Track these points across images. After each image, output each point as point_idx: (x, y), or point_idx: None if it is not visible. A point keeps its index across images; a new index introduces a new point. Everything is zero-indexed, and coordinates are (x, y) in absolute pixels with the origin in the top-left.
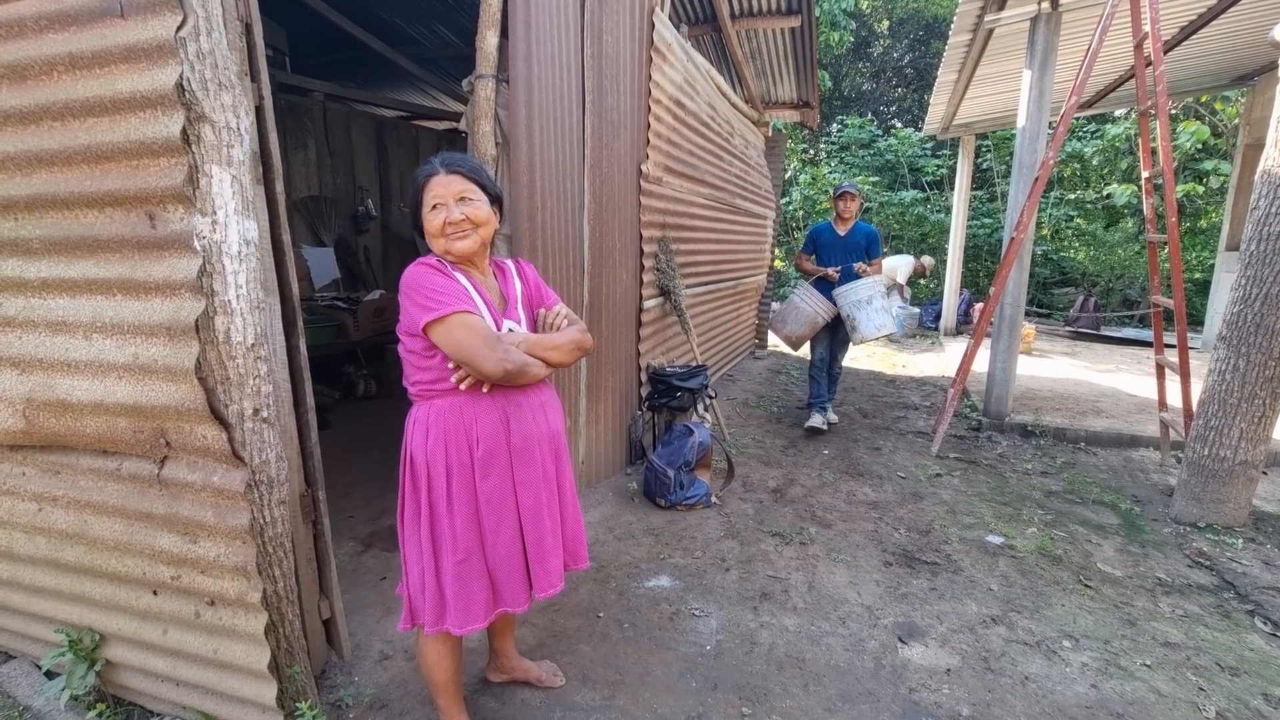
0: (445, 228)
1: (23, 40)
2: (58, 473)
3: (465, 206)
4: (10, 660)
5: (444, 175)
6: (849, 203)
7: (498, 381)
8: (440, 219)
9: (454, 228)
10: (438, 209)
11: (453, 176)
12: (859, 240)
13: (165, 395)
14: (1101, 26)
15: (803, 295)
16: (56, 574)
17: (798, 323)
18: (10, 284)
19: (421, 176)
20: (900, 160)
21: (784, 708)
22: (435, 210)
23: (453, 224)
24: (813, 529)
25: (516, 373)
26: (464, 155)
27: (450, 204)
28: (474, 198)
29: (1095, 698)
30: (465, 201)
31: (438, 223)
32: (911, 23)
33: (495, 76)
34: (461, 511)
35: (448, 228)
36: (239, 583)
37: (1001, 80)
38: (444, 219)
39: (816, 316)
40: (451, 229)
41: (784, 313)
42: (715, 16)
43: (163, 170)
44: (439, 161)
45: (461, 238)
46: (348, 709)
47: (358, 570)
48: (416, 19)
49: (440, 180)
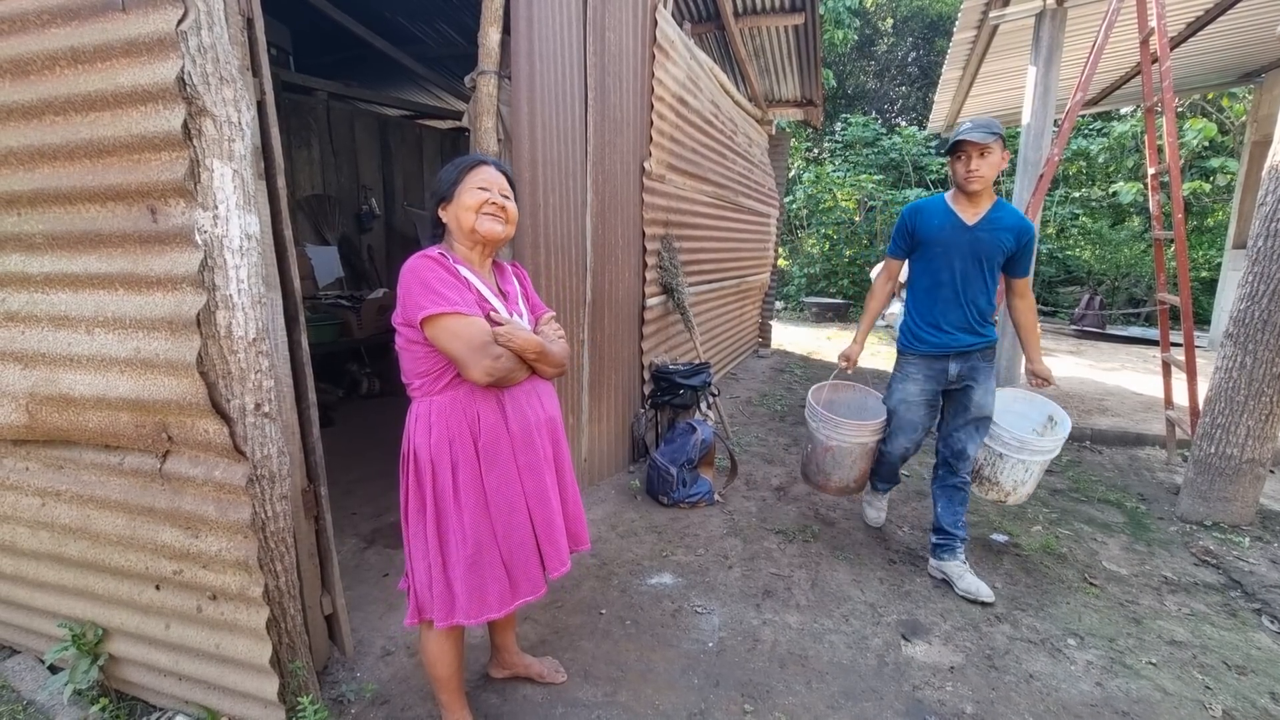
0: (485, 204)
1: (25, 35)
2: (60, 468)
3: (507, 201)
4: (14, 655)
5: (494, 171)
6: (984, 158)
7: (483, 386)
8: (482, 198)
9: (494, 208)
10: (484, 190)
11: (502, 176)
12: (1002, 239)
13: (167, 390)
14: (1107, 23)
15: (823, 422)
16: (60, 569)
17: (844, 465)
18: (13, 279)
19: (467, 164)
20: (904, 158)
21: (787, 705)
22: (481, 191)
23: (494, 204)
24: (816, 527)
25: (502, 379)
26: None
27: (494, 192)
28: (511, 200)
29: (1100, 696)
30: (507, 199)
31: (480, 198)
32: (916, 20)
33: (498, 73)
34: (470, 505)
35: (488, 205)
36: (241, 578)
37: (1006, 77)
38: (487, 198)
39: (864, 440)
40: (492, 208)
41: (815, 457)
42: (719, 14)
43: (164, 164)
44: (487, 158)
45: (495, 220)
46: (349, 704)
47: (360, 567)
48: (420, 17)
49: (491, 170)
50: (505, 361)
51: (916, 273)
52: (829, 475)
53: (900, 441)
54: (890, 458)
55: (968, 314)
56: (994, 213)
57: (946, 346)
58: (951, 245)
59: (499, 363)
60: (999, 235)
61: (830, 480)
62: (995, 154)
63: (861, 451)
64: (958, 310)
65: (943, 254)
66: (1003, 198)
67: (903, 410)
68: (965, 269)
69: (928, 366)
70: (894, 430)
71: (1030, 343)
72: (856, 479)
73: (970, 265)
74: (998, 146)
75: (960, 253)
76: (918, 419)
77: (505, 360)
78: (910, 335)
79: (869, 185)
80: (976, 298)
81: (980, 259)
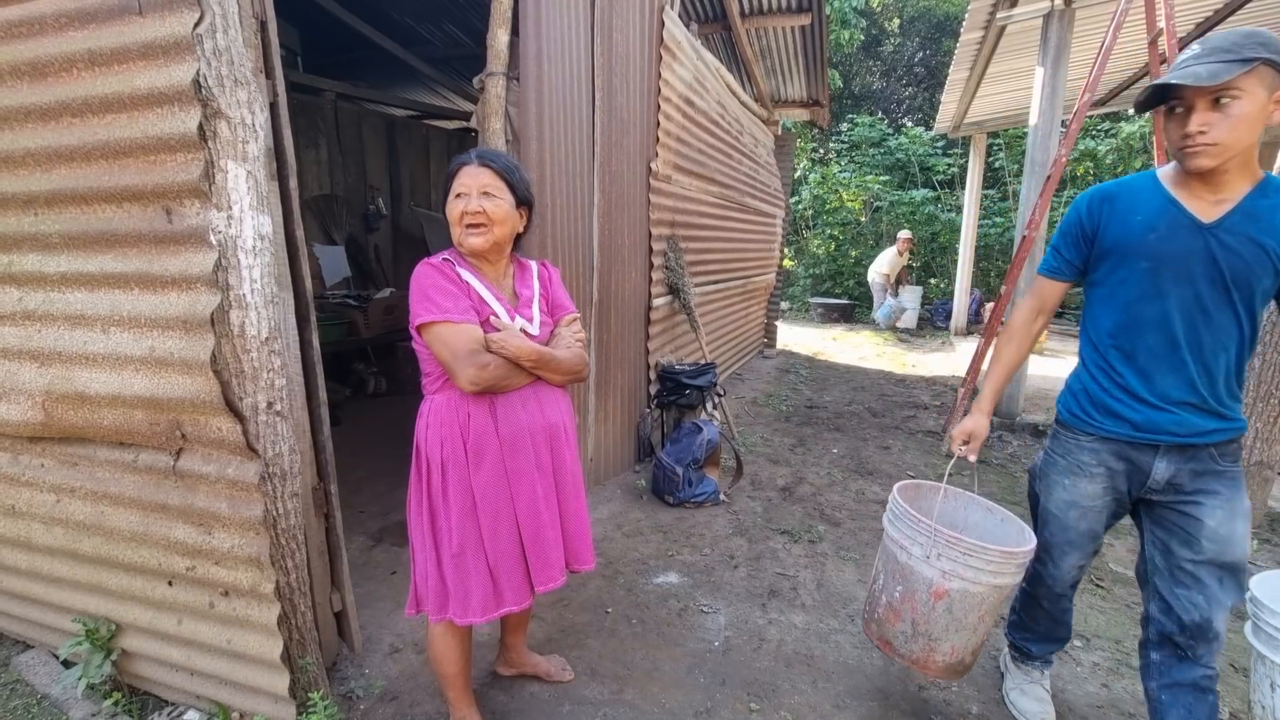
0: (462, 217)
1: (43, 38)
2: (76, 464)
3: (485, 201)
4: (29, 649)
5: (474, 166)
6: (1221, 110)
7: (472, 393)
8: (459, 209)
9: (470, 218)
10: (460, 198)
11: (482, 169)
12: (1267, 242)
13: (181, 388)
14: (1115, 23)
15: (934, 542)
16: (74, 564)
17: (966, 623)
18: (30, 278)
19: (454, 165)
20: (911, 159)
21: (792, 704)
22: (458, 199)
23: (469, 214)
24: (821, 527)
25: (492, 386)
26: (502, 153)
27: (472, 195)
28: (497, 195)
29: (1106, 697)
30: (487, 196)
31: (456, 212)
32: (922, 20)
33: (506, 74)
34: (457, 504)
35: (465, 217)
36: (252, 574)
37: (1013, 78)
38: (462, 209)
39: (1005, 581)
40: (468, 218)
41: (907, 606)
42: (725, 14)
43: (179, 165)
44: (474, 153)
45: (475, 233)
46: (358, 700)
47: (368, 564)
48: (427, 18)
49: (469, 170)
50: (494, 370)
51: (1099, 300)
52: (935, 641)
53: (1071, 559)
54: (1055, 586)
55: (1197, 379)
56: (1256, 200)
57: (1154, 431)
58: (1170, 257)
59: (485, 371)
60: (1262, 240)
61: (936, 650)
62: (1248, 98)
63: (996, 600)
64: (1178, 371)
65: (1152, 272)
66: (1273, 173)
67: (1072, 518)
68: (1197, 298)
69: (1114, 457)
70: (1054, 545)
71: None
72: (976, 649)
73: (1207, 291)
74: (1255, 84)
75: (1187, 270)
76: (1095, 528)
77: (494, 369)
78: (1084, 401)
79: (875, 186)
80: (1215, 350)
81: (1227, 281)
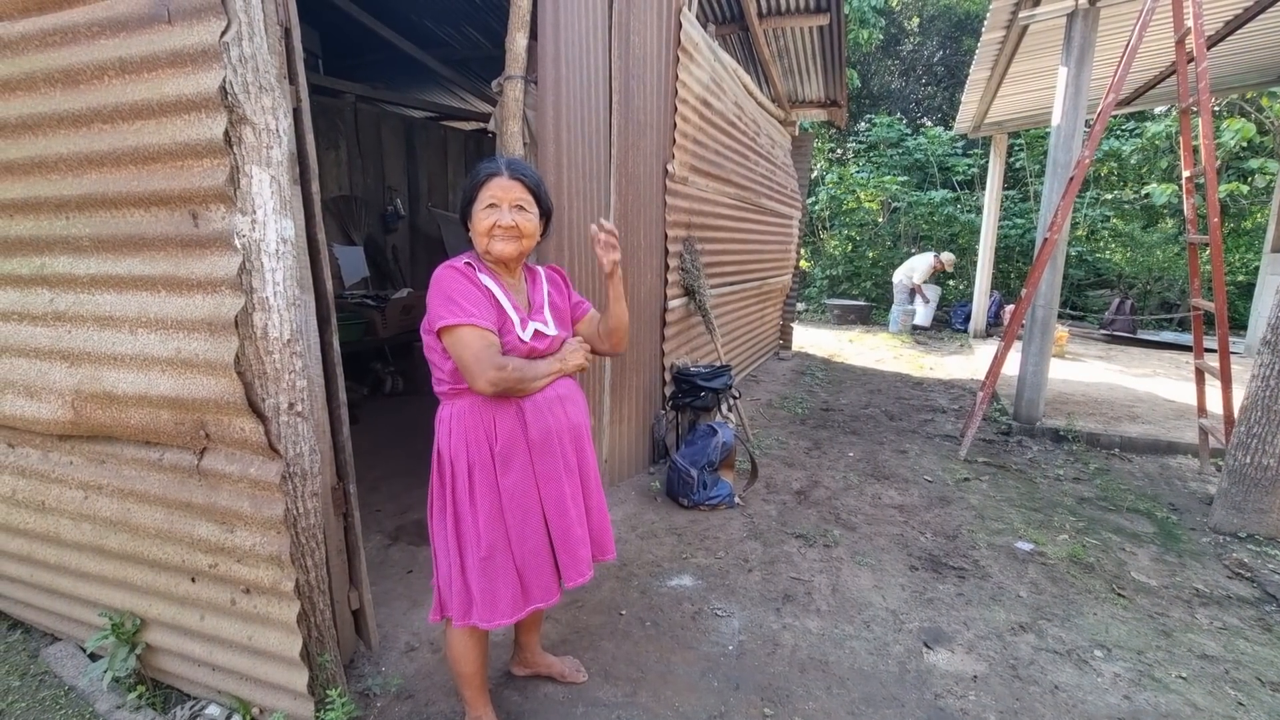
0: (494, 229)
1: (75, 46)
2: (103, 462)
3: (518, 215)
4: (57, 642)
5: (506, 179)
6: None
7: (489, 396)
8: (491, 220)
9: (503, 231)
10: (492, 209)
11: (514, 182)
12: None
13: (205, 388)
14: (1141, 22)
15: None
16: (100, 560)
17: None
18: (61, 280)
19: (482, 173)
20: (930, 159)
21: (807, 710)
22: (489, 210)
23: (503, 228)
24: (837, 531)
25: (511, 389)
26: (530, 166)
27: (505, 208)
28: (528, 209)
29: (1128, 709)
30: (519, 210)
31: (488, 223)
32: (942, 19)
33: (524, 77)
34: (484, 508)
35: (496, 229)
36: (273, 571)
37: (1035, 78)
38: (495, 221)
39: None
40: (500, 232)
41: None
42: (743, 15)
43: (206, 170)
44: (504, 164)
45: (506, 242)
46: (375, 698)
47: (384, 563)
48: (446, 21)
49: (501, 182)
50: (511, 373)
51: None
52: None
53: None
54: None
55: None
56: None
57: None
58: None
59: (504, 374)
60: None
61: None
62: None
63: None
64: None
65: None
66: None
67: None
68: None
69: None
70: None
71: None
72: None
73: None
74: None
75: None
76: None
77: (512, 371)
78: None
79: (893, 186)
80: None
81: None
